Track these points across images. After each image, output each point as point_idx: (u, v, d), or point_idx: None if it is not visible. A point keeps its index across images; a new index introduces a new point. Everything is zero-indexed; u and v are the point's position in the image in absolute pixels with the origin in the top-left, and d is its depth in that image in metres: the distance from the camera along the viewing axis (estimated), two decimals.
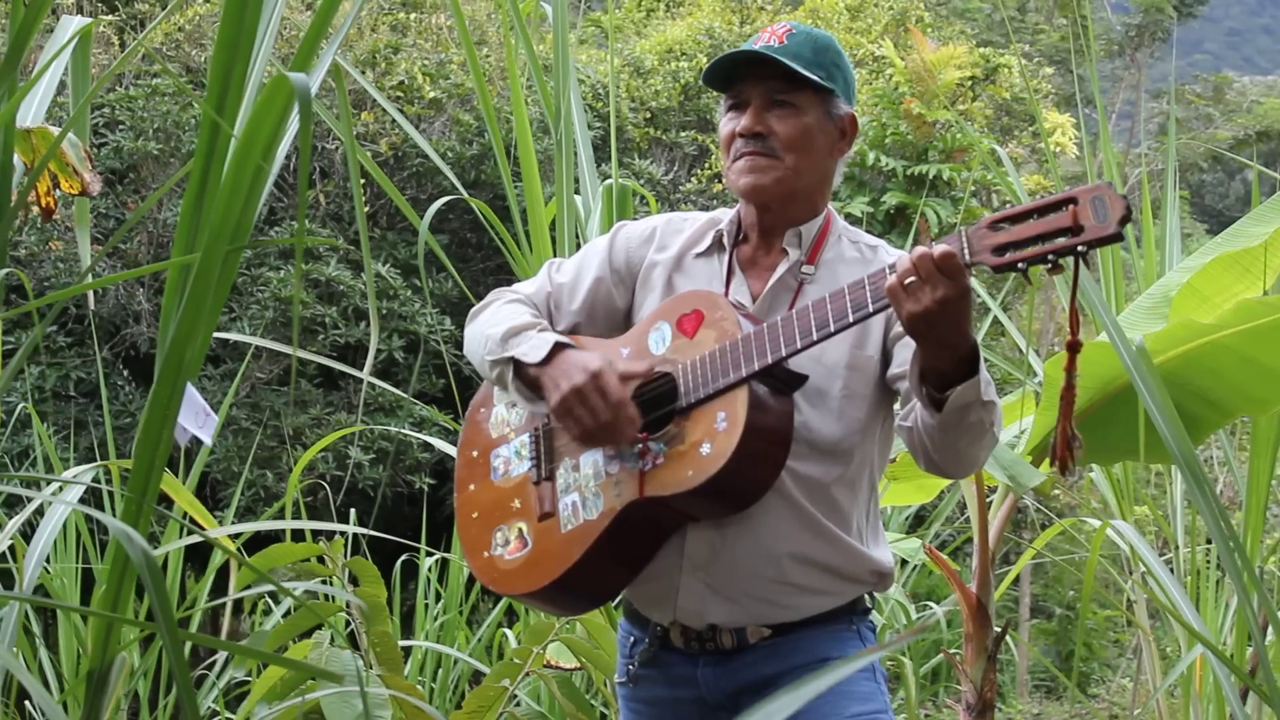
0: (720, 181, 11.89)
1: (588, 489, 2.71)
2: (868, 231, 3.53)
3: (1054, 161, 7.03)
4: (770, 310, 2.76)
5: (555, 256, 3.53)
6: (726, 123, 2.81)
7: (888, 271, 2.45)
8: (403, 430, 7.48)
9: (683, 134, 12.36)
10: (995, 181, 12.57)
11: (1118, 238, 2.29)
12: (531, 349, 2.72)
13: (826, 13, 14.44)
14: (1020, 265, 2.36)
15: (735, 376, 2.58)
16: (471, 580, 5.81)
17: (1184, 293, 4.19)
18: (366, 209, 10.59)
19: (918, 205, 11.57)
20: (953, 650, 4.50)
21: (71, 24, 2.66)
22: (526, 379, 2.74)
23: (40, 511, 3.57)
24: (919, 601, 8.09)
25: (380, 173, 4.27)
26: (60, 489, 3.18)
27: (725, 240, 2.86)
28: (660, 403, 2.67)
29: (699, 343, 2.66)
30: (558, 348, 2.71)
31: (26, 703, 4.80)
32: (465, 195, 4.41)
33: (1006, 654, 9.99)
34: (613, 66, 6.10)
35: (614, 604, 4.07)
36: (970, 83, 13.45)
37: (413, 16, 11.49)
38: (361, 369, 9.67)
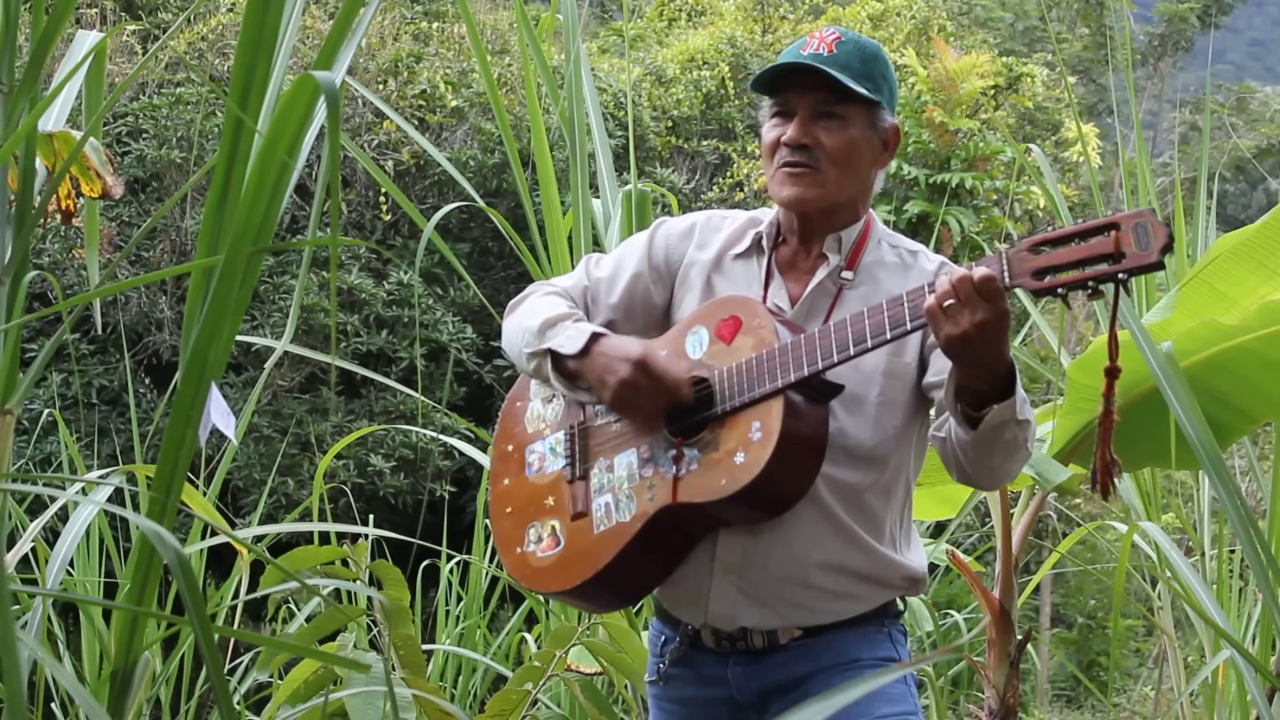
0: (742, 190, 11.89)
1: (621, 491, 2.71)
2: None
3: (1093, 170, 7.03)
4: (809, 315, 2.75)
5: (573, 267, 3.51)
6: (771, 129, 2.78)
7: (926, 290, 2.45)
8: (424, 431, 7.47)
9: (704, 143, 12.37)
10: (1019, 190, 12.55)
11: (1159, 266, 2.28)
12: (568, 340, 2.72)
13: (849, 21, 14.45)
14: (1060, 290, 2.36)
15: (771, 386, 2.57)
16: (492, 585, 5.81)
17: (1196, 286, 4.10)
18: (389, 217, 10.62)
19: (940, 214, 11.57)
20: (975, 656, 4.48)
21: (87, 39, 2.65)
22: (565, 371, 2.75)
23: (64, 517, 3.57)
24: (940, 609, 8.06)
25: (388, 180, 4.27)
26: (86, 490, 3.19)
27: (764, 243, 2.84)
28: (696, 408, 2.67)
29: (736, 350, 2.65)
30: (594, 338, 2.71)
31: (51, 705, 4.81)
32: (482, 205, 4.41)
33: (1027, 663, 9.97)
34: (629, 75, 6.12)
35: (635, 609, 4.07)
36: (993, 91, 13.43)
37: (435, 26, 11.53)
38: (385, 376, 9.69)
